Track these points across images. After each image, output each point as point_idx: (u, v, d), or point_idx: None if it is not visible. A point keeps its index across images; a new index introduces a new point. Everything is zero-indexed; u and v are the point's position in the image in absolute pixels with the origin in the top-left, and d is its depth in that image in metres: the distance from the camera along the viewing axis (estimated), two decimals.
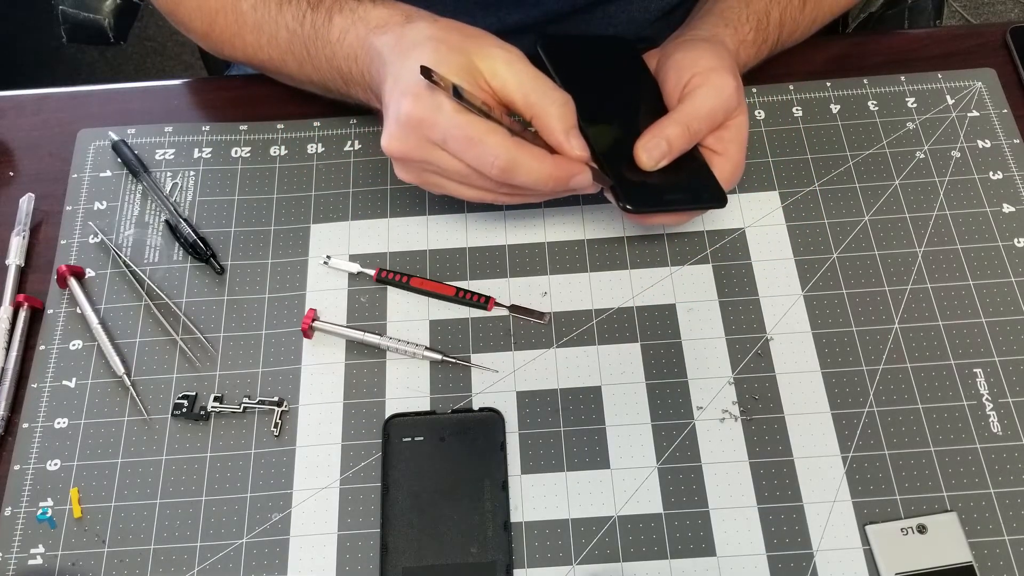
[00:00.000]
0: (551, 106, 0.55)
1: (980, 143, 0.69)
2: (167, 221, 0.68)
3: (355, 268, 0.65)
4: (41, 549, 0.57)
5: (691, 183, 0.60)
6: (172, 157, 0.71)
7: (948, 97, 0.71)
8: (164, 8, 0.71)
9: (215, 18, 0.67)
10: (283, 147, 0.71)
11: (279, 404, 0.61)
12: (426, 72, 0.53)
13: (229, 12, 0.66)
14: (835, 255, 0.65)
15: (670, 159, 0.59)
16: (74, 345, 0.63)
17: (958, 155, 0.69)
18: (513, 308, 0.64)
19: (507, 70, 0.55)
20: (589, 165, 0.56)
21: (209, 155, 0.71)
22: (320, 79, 0.65)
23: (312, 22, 0.62)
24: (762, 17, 0.66)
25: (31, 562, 0.56)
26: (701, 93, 0.59)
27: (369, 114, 0.72)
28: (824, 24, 0.72)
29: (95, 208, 0.69)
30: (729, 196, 0.67)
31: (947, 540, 0.55)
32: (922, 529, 0.56)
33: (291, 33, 0.63)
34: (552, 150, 0.56)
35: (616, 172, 0.58)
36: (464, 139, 0.53)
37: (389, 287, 0.65)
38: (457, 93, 0.53)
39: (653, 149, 0.58)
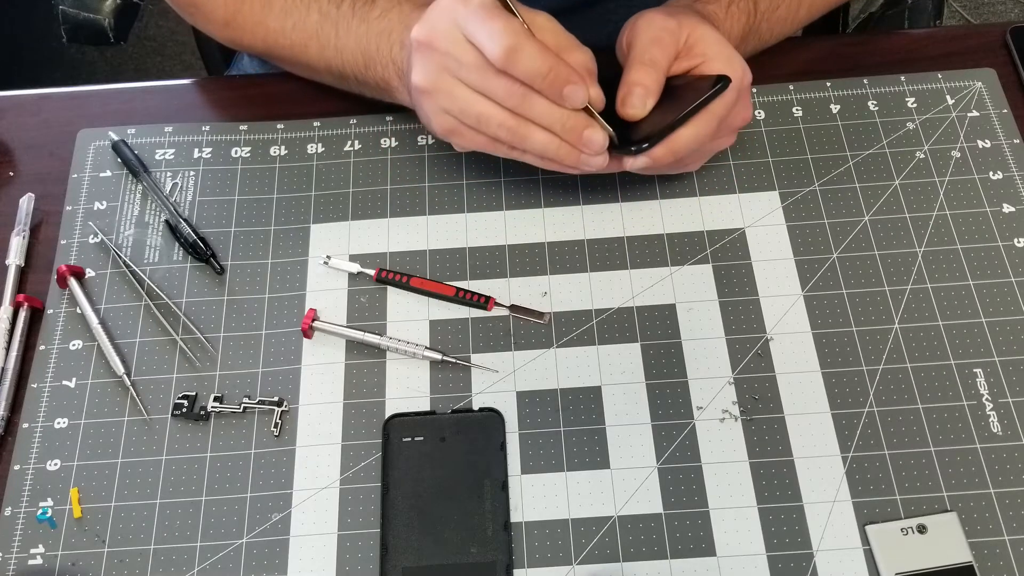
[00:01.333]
0: (579, 54, 0.57)
1: (980, 143, 0.69)
2: (167, 221, 0.68)
3: (355, 268, 0.65)
4: (41, 549, 0.57)
5: (690, 95, 0.59)
6: (172, 157, 0.71)
7: (948, 97, 0.71)
8: (183, 5, 0.70)
9: (241, 5, 0.68)
10: (283, 147, 0.71)
11: (279, 404, 0.61)
12: None
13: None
14: (835, 255, 0.65)
15: (654, 98, 0.59)
16: (74, 345, 0.63)
17: (958, 155, 0.69)
18: (513, 308, 0.64)
19: (545, 21, 0.58)
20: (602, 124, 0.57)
21: (209, 155, 0.71)
22: (340, 63, 0.66)
23: (352, 3, 0.64)
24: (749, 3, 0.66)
25: (31, 562, 0.56)
26: (638, 28, 0.60)
27: (369, 114, 0.72)
28: (820, 13, 0.72)
29: (95, 208, 0.69)
30: (729, 196, 0.68)
31: (947, 540, 0.55)
32: (922, 529, 0.56)
33: (323, 16, 0.65)
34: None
35: (623, 135, 0.59)
36: (480, 14, 0.54)
37: (389, 287, 0.65)
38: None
39: (630, 97, 0.58)
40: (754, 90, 0.72)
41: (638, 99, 0.58)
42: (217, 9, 0.69)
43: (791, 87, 0.72)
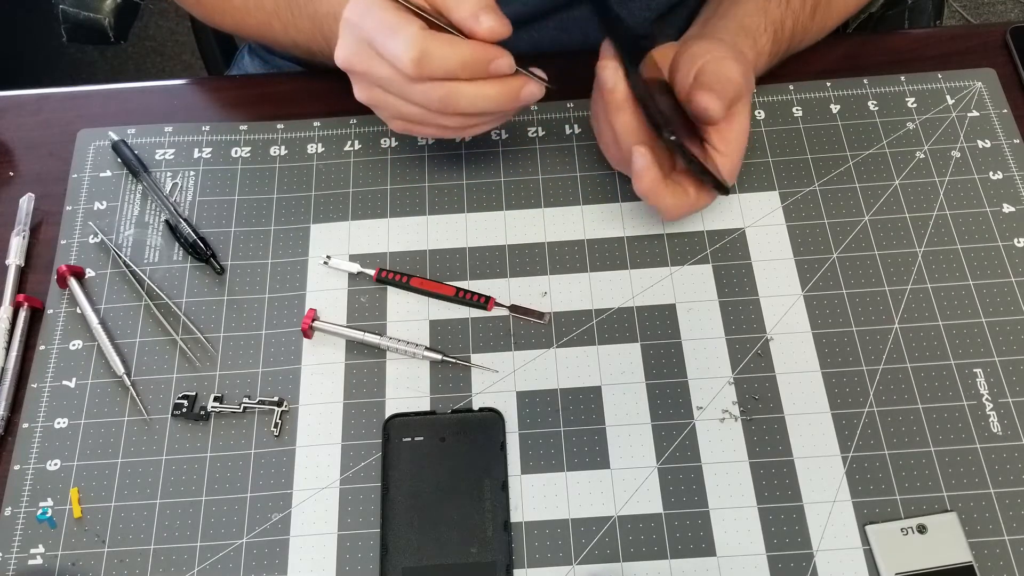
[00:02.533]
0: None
1: (980, 143, 0.69)
2: (167, 221, 0.68)
3: (355, 268, 0.65)
4: (41, 549, 0.57)
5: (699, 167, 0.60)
6: (172, 157, 0.71)
7: (948, 97, 0.71)
8: None
9: None
10: (283, 147, 0.71)
11: (279, 404, 0.61)
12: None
13: None
14: (835, 255, 0.65)
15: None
16: (74, 345, 0.63)
17: (958, 155, 0.69)
18: (513, 308, 0.64)
19: None
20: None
21: (209, 155, 0.71)
22: (304, 41, 0.66)
23: None
24: (779, 27, 0.66)
25: (31, 562, 0.56)
26: (712, 66, 0.59)
27: (369, 114, 0.71)
28: (828, 32, 0.72)
29: (95, 208, 0.69)
30: (729, 196, 0.68)
31: (947, 540, 0.55)
32: (922, 529, 0.56)
33: None
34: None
35: None
36: (382, 30, 0.53)
37: (389, 287, 0.65)
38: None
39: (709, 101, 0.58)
40: (754, 90, 0.71)
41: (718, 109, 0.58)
42: None
43: (791, 87, 0.72)
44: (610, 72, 0.58)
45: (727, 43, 0.63)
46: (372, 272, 0.65)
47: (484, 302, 0.64)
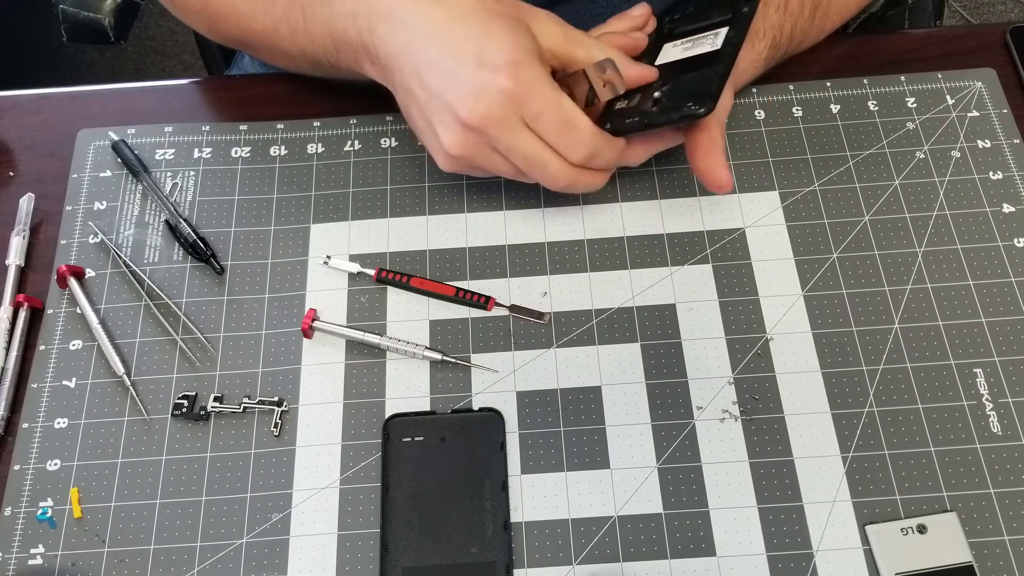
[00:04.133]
0: (612, 54, 0.58)
1: (980, 143, 0.69)
2: (167, 221, 0.68)
3: (355, 268, 0.65)
4: (41, 549, 0.57)
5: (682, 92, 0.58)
6: (172, 157, 0.71)
7: (948, 97, 0.71)
8: None
9: None
10: (283, 147, 0.71)
11: (279, 404, 0.61)
12: (604, 64, 0.55)
13: None
14: (835, 255, 0.65)
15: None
16: (74, 345, 0.63)
17: (958, 155, 0.69)
18: (513, 308, 0.64)
19: (561, 33, 0.58)
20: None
21: (209, 155, 0.71)
22: (312, 48, 0.64)
23: None
24: (777, 32, 0.66)
25: (31, 562, 0.56)
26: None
27: (369, 114, 0.72)
28: (827, 35, 0.72)
29: (95, 208, 0.69)
30: (729, 196, 0.67)
31: (947, 540, 0.55)
32: (922, 529, 0.56)
33: (288, 1, 0.63)
34: None
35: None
36: (560, 120, 0.54)
37: (389, 287, 0.65)
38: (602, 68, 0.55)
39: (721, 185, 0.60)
40: (754, 90, 0.72)
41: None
42: None
43: (791, 87, 0.72)
44: None
45: None
46: (372, 272, 0.65)
47: (484, 302, 0.64)
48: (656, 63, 0.61)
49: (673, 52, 0.61)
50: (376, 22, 0.58)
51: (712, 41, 0.59)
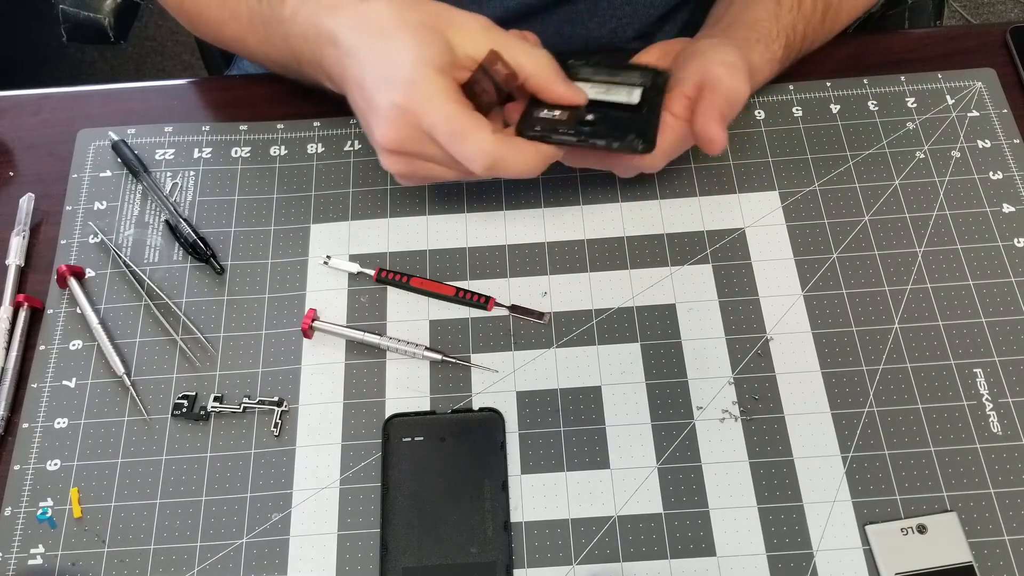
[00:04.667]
0: (542, 62, 0.56)
1: (980, 143, 0.69)
2: (167, 221, 0.68)
3: (355, 268, 0.65)
4: (41, 549, 0.57)
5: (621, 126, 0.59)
6: (172, 157, 0.71)
7: (948, 97, 0.71)
8: None
9: None
10: (283, 147, 0.71)
11: (279, 404, 0.61)
12: (492, 58, 0.55)
13: None
14: (835, 255, 0.65)
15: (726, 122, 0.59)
16: (74, 345, 0.63)
17: (958, 155, 0.69)
18: (513, 308, 0.64)
19: (486, 39, 0.56)
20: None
21: (209, 155, 0.71)
22: (278, 58, 0.65)
23: (269, 1, 0.61)
24: (790, 32, 0.65)
25: (31, 562, 0.56)
26: (726, 84, 0.59)
27: None
28: (836, 34, 0.72)
29: (95, 208, 0.69)
30: (729, 196, 0.67)
31: (947, 540, 0.55)
32: (922, 529, 0.56)
33: (250, 10, 0.63)
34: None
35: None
36: (449, 133, 0.53)
37: (389, 287, 0.65)
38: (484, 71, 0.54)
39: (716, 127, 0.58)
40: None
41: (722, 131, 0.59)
42: None
43: (791, 87, 0.72)
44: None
45: (737, 46, 0.62)
46: (372, 272, 0.65)
47: (484, 302, 0.64)
48: None
49: (586, 90, 0.62)
50: (324, 44, 0.58)
51: (628, 95, 0.60)
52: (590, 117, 0.58)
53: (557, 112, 0.58)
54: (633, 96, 0.60)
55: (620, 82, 0.62)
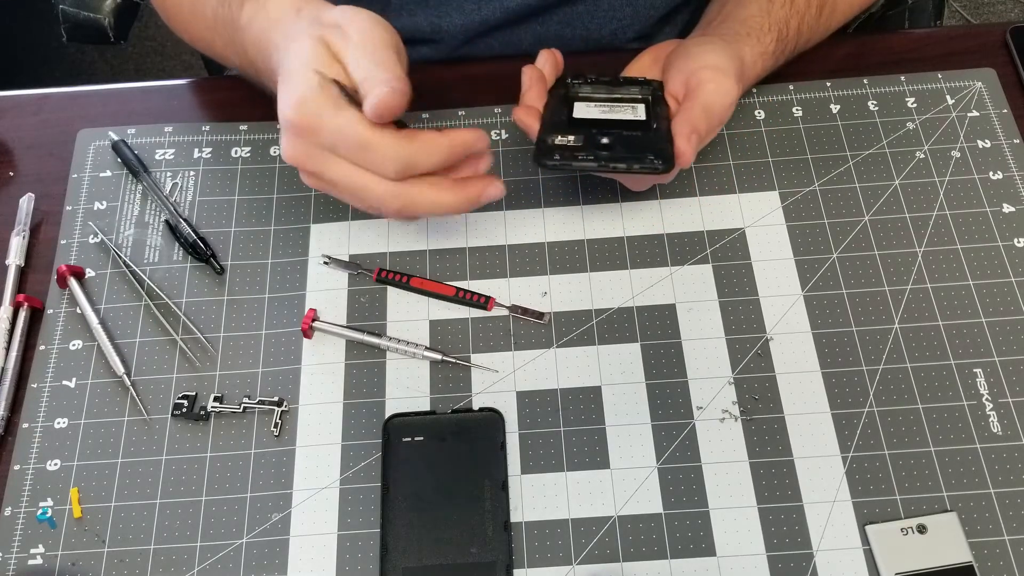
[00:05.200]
0: (375, 86, 0.51)
1: (980, 143, 0.69)
2: (167, 221, 0.68)
3: (355, 268, 0.65)
4: (41, 549, 0.57)
5: (637, 145, 0.59)
6: (172, 157, 0.71)
7: (948, 97, 0.71)
8: None
9: None
10: None
11: (279, 404, 0.61)
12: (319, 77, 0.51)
13: None
14: (835, 255, 0.65)
15: (698, 146, 0.59)
16: (74, 345, 0.63)
17: (958, 155, 0.69)
18: (513, 308, 0.64)
19: (346, 45, 0.53)
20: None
21: (209, 155, 0.71)
22: (240, 63, 0.64)
23: (229, 4, 0.61)
24: (783, 27, 0.66)
25: (31, 562, 0.56)
26: (708, 89, 0.59)
27: None
28: (834, 31, 0.72)
29: (95, 208, 0.69)
30: (729, 196, 0.67)
31: (947, 540, 0.55)
32: (922, 529, 0.56)
33: (214, 14, 0.63)
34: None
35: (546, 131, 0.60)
36: (354, 144, 0.51)
37: (389, 287, 0.65)
38: (343, 91, 0.51)
39: (689, 142, 0.58)
40: (754, 90, 0.72)
41: (694, 145, 0.59)
42: None
43: (791, 87, 0.72)
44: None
45: (726, 43, 0.63)
46: (372, 272, 0.65)
47: (484, 302, 0.64)
48: (575, 116, 0.62)
49: (589, 111, 0.62)
50: (269, 55, 0.57)
51: (631, 112, 0.61)
52: (605, 140, 0.58)
53: (571, 137, 0.59)
54: (638, 113, 0.61)
55: (621, 97, 0.63)
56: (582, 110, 0.63)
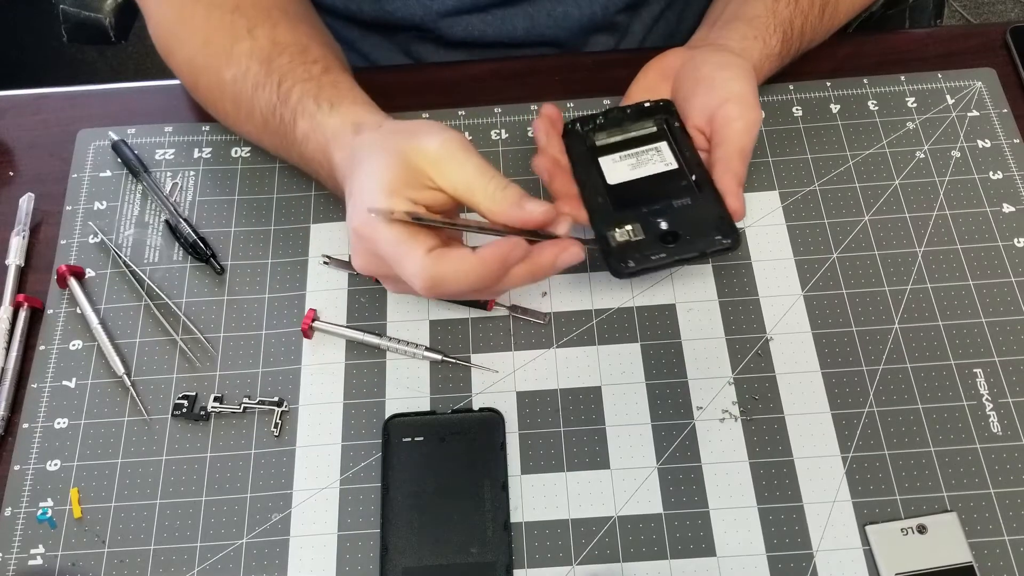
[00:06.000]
0: (484, 197, 0.52)
1: (980, 143, 0.69)
2: (167, 221, 0.68)
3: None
4: (41, 549, 0.57)
5: (696, 225, 0.57)
6: (172, 157, 0.71)
7: (948, 97, 0.71)
8: (161, 53, 0.69)
9: (198, 78, 0.66)
10: None
11: (279, 404, 0.61)
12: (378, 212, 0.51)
13: (212, 76, 0.64)
14: (835, 255, 0.65)
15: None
16: (74, 345, 0.63)
17: (958, 155, 0.69)
18: (513, 308, 0.64)
19: (440, 167, 0.53)
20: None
21: (209, 155, 0.71)
22: (295, 164, 0.65)
23: (281, 117, 0.60)
24: (787, 27, 0.65)
25: (31, 562, 0.56)
26: (737, 128, 0.58)
27: None
28: (837, 30, 0.72)
29: (95, 208, 0.69)
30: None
31: (947, 540, 0.55)
32: (922, 529, 0.56)
33: (264, 119, 0.62)
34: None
35: (603, 235, 0.57)
36: (392, 252, 0.52)
37: None
38: (417, 218, 0.51)
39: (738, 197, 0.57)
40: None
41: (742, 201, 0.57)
42: (183, 75, 0.68)
43: (791, 87, 0.72)
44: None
45: (734, 52, 0.62)
46: None
47: (484, 302, 0.64)
48: (610, 183, 0.60)
49: (619, 169, 0.60)
50: (333, 171, 0.58)
51: (659, 157, 0.60)
52: (664, 225, 0.56)
53: (629, 227, 0.56)
54: (665, 157, 0.60)
55: (638, 137, 0.61)
56: (612, 171, 0.60)
